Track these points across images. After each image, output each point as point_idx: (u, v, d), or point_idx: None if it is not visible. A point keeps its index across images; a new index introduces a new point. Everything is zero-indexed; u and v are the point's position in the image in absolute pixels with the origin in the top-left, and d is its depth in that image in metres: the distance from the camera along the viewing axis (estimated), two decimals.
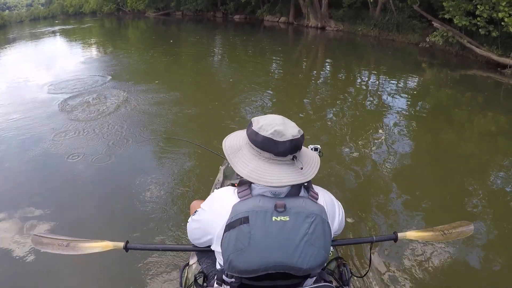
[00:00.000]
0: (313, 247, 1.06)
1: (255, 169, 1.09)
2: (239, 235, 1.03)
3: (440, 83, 7.87)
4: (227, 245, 1.05)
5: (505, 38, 8.90)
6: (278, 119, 1.13)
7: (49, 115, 5.59)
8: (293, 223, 1.05)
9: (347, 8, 15.61)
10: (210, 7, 26.12)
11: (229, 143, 1.20)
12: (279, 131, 1.06)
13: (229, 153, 1.17)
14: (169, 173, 3.71)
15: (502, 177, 3.78)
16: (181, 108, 5.76)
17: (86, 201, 3.31)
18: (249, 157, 1.12)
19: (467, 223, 1.60)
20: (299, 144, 1.11)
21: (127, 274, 2.38)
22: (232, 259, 1.04)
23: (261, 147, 1.09)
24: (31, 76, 8.88)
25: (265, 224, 1.04)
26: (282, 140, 1.06)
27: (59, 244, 1.46)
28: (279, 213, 1.05)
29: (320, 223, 1.07)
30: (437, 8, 11.11)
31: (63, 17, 42.70)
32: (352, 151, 4.20)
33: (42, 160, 4.14)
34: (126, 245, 1.45)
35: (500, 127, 5.24)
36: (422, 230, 1.59)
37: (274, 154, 1.08)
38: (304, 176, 1.10)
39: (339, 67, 9.56)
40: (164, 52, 11.92)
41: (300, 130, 1.13)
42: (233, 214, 1.05)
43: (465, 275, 2.47)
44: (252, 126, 1.12)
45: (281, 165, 1.09)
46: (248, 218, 1.03)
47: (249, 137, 1.13)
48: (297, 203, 1.08)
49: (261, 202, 1.07)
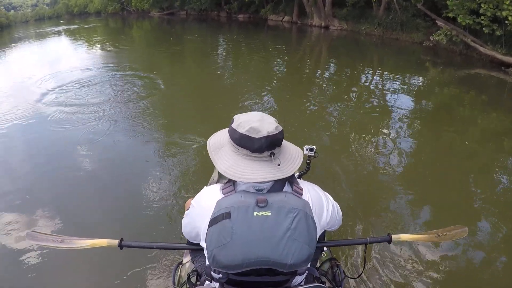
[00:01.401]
0: (296, 242, 1.05)
1: (232, 165, 1.11)
2: (221, 230, 1.04)
3: (443, 82, 7.85)
4: (210, 240, 1.07)
5: (509, 37, 8.86)
6: (256, 115, 1.15)
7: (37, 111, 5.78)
8: (275, 218, 1.05)
9: (350, 7, 15.57)
10: (214, 6, 26.17)
11: (213, 140, 1.23)
12: (254, 128, 1.08)
13: (211, 150, 1.20)
14: (164, 171, 3.72)
15: (506, 177, 3.75)
16: (184, 106, 5.81)
17: (82, 198, 3.32)
18: (229, 154, 1.14)
19: (461, 226, 1.60)
20: (276, 140, 1.11)
21: (121, 271, 2.39)
22: (215, 254, 1.06)
23: (239, 143, 1.11)
24: (34, 72, 8.98)
25: (246, 219, 1.04)
26: (258, 137, 1.07)
27: (54, 240, 1.47)
28: (260, 208, 1.05)
29: (303, 218, 1.07)
30: (441, 6, 11.08)
31: (68, 17, 42.90)
32: (353, 151, 4.18)
33: (36, 155, 4.25)
34: (121, 243, 1.45)
35: (504, 126, 5.21)
36: (416, 233, 1.60)
37: (251, 151, 1.10)
38: (282, 172, 1.11)
39: (342, 66, 9.56)
40: (169, 52, 11.99)
41: (278, 127, 1.13)
42: (216, 210, 1.07)
43: (460, 277, 2.46)
44: (232, 124, 1.15)
45: (257, 161, 1.11)
46: (230, 214, 1.04)
47: (229, 134, 1.16)
48: (279, 198, 1.08)
49: (243, 197, 1.08)
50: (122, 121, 5.14)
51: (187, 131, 4.69)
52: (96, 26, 26.07)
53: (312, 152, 1.91)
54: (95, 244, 1.47)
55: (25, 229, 2.81)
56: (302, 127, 4.96)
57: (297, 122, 5.09)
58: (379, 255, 2.56)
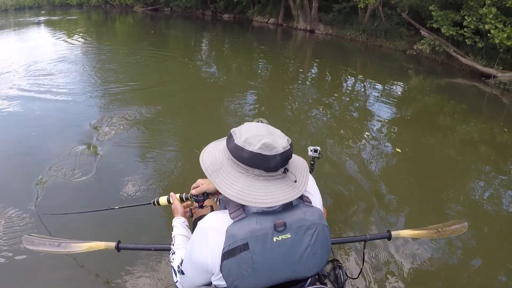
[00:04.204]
0: (316, 255, 1.03)
1: (244, 189, 0.96)
2: (240, 263, 0.95)
3: (425, 89, 7.92)
4: (229, 272, 0.97)
5: (490, 49, 9.06)
6: (262, 129, 1.00)
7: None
8: (294, 237, 0.99)
9: (336, 13, 15.68)
10: (200, 4, 25.90)
11: (209, 159, 1.05)
12: (268, 144, 0.94)
13: (210, 173, 1.02)
14: (161, 173, 3.58)
15: (482, 182, 3.86)
16: (165, 117, 5.53)
17: (78, 200, 3.15)
18: (235, 175, 0.99)
19: (460, 221, 1.63)
20: (290, 155, 1.00)
21: (120, 274, 2.35)
22: (237, 284, 0.97)
23: (248, 163, 0.96)
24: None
25: (266, 247, 0.96)
26: (273, 154, 0.94)
27: (50, 244, 1.45)
28: (279, 232, 0.97)
29: (321, 231, 1.03)
30: (425, 17, 11.27)
31: (48, 8, 41.60)
32: (338, 154, 4.16)
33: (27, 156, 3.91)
34: (118, 245, 1.45)
35: (482, 134, 5.30)
36: (415, 229, 1.60)
37: (265, 170, 0.97)
38: (298, 189, 1.00)
39: (326, 71, 9.52)
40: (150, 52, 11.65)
41: (289, 139, 1.02)
42: (230, 241, 0.95)
43: (458, 273, 2.51)
44: (235, 140, 0.98)
45: (272, 181, 0.98)
46: (247, 245, 0.94)
47: (232, 152, 0.99)
48: (297, 216, 1.00)
49: (258, 224, 0.96)
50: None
51: (170, 133, 4.56)
52: (78, 19, 25.35)
53: (317, 153, 2.01)
54: (92, 248, 1.46)
55: (20, 232, 2.67)
56: (296, 128, 4.93)
57: (285, 123, 5.04)
58: (379, 253, 2.59)
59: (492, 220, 3.14)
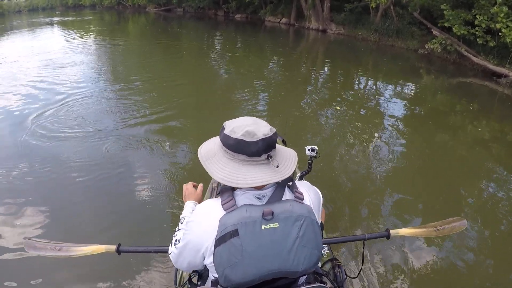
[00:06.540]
0: (305, 248, 1.06)
1: (230, 172, 1.07)
2: (230, 249, 1.02)
3: (436, 89, 8.03)
4: (220, 260, 1.04)
5: (501, 48, 9.10)
6: (249, 120, 1.12)
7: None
8: (283, 228, 1.04)
9: (348, 12, 15.72)
10: (212, 5, 26.10)
11: (204, 149, 1.18)
12: (250, 131, 1.05)
13: (204, 159, 1.14)
14: (161, 174, 3.69)
15: (493, 181, 3.89)
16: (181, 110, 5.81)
17: (78, 205, 3.26)
18: (224, 162, 1.10)
19: (459, 219, 1.62)
20: (272, 142, 1.09)
21: (121, 276, 2.40)
22: (227, 273, 1.03)
23: (234, 149, 1.07)
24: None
25: (255, 234, 1.02)
26: (254, 140, 1.04)
27: (52, 248, 1.45)
28: (267, 221, 1.03)
29: (310, 224, 1.07)
30: (437, 16, 11.31)
31: (62, 9, 42.13)
32: (347, 152, 4.30)
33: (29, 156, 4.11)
34: (118, 248, 1.45)
35: (493, 134, 5.37)
36: (414, 227, 1.61)
37: (248, 156, 1.06)
38: (281, 174, 1.08)
39: (338, 70, 9.69)
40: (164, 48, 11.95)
41: (272, 128, 1.10)
42: (222, 228, 1.03)
43: (458, 272, 2.53)
44: (224, 130, 1.10)
45: (256, 165, 1.07)
46: (237, 231, 1.01)
47: (222, 141, 1.11)
48: (284, 208, 1.06)
49: (247, 212, 1.04)
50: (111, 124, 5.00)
51: (179, 133, 4.75)
52: (92, 20, 25.76)
53: (314, 153, 1.96)
54: (93, 251, 1.46)
55: (21, 236, 2.76)
56: (301, 129, 5.07)
57: (295, 123, 5.20)
58: (378, 252, 2.61)
59: (497, 219, 3.15)
